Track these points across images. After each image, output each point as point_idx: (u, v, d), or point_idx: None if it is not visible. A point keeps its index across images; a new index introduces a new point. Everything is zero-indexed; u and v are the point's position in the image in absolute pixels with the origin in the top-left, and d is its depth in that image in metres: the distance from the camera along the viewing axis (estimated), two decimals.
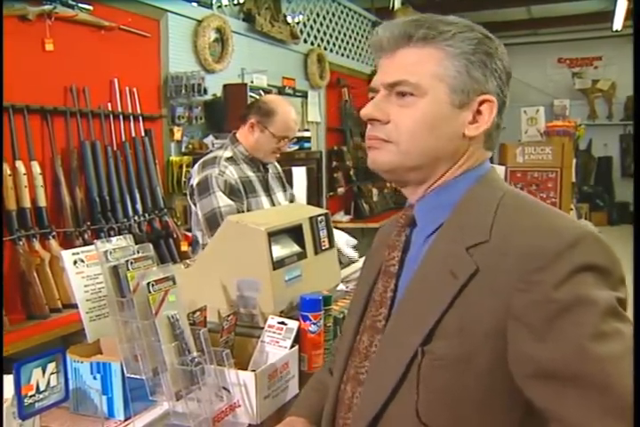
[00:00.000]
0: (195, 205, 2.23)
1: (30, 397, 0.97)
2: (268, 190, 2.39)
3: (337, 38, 5.90)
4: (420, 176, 0.87)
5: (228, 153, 2.30)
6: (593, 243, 0.75)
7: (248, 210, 2.24)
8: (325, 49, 5.59)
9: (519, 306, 0.73)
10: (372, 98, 0.87)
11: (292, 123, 2.33)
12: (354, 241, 2.38)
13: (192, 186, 2.25)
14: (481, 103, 0.84)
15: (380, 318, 0.88)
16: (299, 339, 1.39)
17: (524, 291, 0.72)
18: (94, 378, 1.18)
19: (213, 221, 2.13)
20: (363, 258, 2.44)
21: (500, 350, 0.74)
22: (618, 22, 7.40)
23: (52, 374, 1.00)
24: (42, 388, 0.99)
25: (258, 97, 3.65)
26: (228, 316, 1.32)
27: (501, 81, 0.85)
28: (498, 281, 0.74)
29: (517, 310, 0.73)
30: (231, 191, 2.19)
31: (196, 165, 2.31)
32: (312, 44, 5.40)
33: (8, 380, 1.02)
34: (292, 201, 2.58)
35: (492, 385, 0.75)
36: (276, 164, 2.56)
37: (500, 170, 3.21)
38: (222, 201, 2.16)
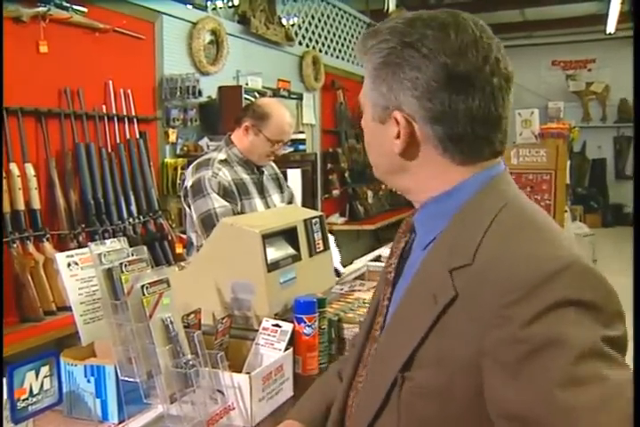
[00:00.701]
0: (189, 206, 2.23)
1: (23, 400, 0.97)
2: (262, 192, 2.38)
3: (332, 40, 5.91)
4: (401, 187, 0.86)
5: (222, 155, 2.30)
6: (578, 274, 0.67)
7: (241, 212, 2.23)
8: (320, 51, 5.59)
9: (491, 342, 0.67)
10: None
11: (287, 126, 2.33)
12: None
13: (186, 188, 2.25)
14: (396, 118, 0.78)
15: (377, 328, 0.87)
16: (293, 341, 1.39)
17: (496, 326, 0.67)
18: (88, 381, 1.18)
19: (209, 222, 2.13)
20: (357, 260, 2.45)
21: (478, 383, 0.69)
22: (611, 25, 7.44)
23: (46, 377, 1.00)
24: (35, 391, 0.98)
25: (253, 99, 3.66)
26: (223, 318, 1.31)
27: (422, 90, 0.75)
28: (475, 312, 0.69)
29: (489, 346, 0.67)
30: (225, 193, 2.19)
31: (190, 167, 2.31)
32: (307, 46, 5.40)
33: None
34: (290, 201, 2.57)
35: (472, 415, 0.71)
36: (273, 164, 2.56)
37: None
38: (217, 202, 2.16)
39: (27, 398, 0.98)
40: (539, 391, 0.63)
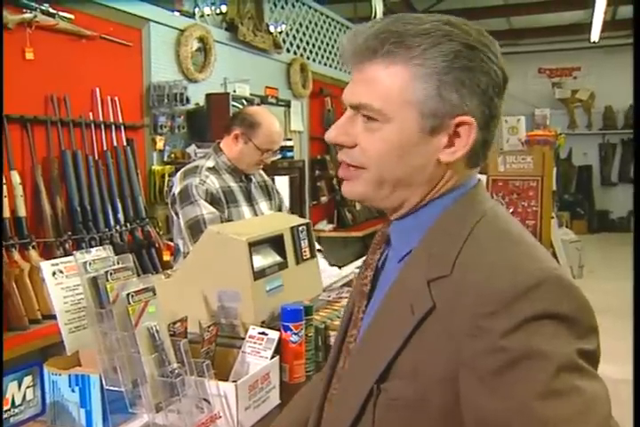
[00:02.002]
0: (176, 213, 2.23)
1: (5, 411, 0.96)
2: (250, 200, 2.38)
3: (320, 48, 5.94)
4: (395, 203, 0.80)
5: (211, 163, 2.30)
6: (555, 287, 0.67)
7: (229, 220, 2.23)
8: (308, 58, 5.61)
9: (468, 353, 0.67)
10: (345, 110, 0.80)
11: (276, 136, 2.33)
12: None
13: (174, 194, 2.24)
14: (457, 125, 0.74)
15: (352, 340, 0.85)
16: (280, 349, 1.38)
17: (473, 337, 0.66)
18: (72, 391, 1.17)
19: (196, 229, 2.13)
20: (345, 267, 2.45)
21: (454, 395, 0.68)
22: (595, 34, 7.53)
23: (29, 387, 1.00)
24: (17, 402, 0.98)
25: (240, 107, 3.66)
26: (209, 326, 1.31)
27: (487, 96, 0.74)
28: (452, 323, 0.68)
29: (466, 357, 0.67)
30: (212, 200, 2.19)
31: (178, 174, 2.30)
32: (295, 53, 5.42)
33: None
34: (280, 208, 2.57)
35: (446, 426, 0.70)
36: (262, 172, 2.56)
37: (482, 179, 3.24)
38: (205, 209, 2.15)
39: (9, 410, 0.97)
40: (516, 403, 0.63)
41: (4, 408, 0.96)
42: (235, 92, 4.19)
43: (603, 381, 0.66)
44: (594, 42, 7.81)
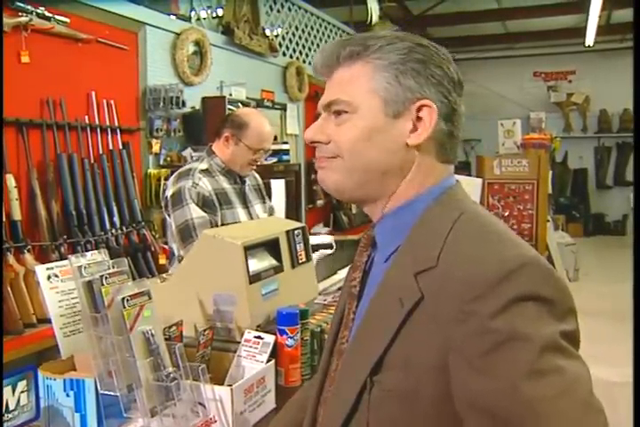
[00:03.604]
0: (169, 216, 2.23)
1: None
2: (244, 202, 2.39)
3: (316, 51, 5.94)
4: (370, 194, 0.84)
5: (204, 165, 2.31)
6: (536, 271, 0.71)
7: (223, 222, 2.23)
8: (304, 62, 5.62)
9: (456, 337, 0.69)
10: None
11: (267, 134, 2.34)
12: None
13: (166, 197, 2.25)
14: (419, 109, 0.81)
15: (344, 341, 0.87)
16: (275, 353, 1.38)
17: (461, 321, 0.69)
18: (67, 395, 1.17)
19: (186, 233, 2.13)
20: (341, 271, 2.45)
21: (446, 383, 0.71)
22: (590, 38, 7.57)
23: (23, 392, 0.99)
24: (11, 407, 0.97)
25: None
26: (205, 330, 1.31)
27: (443, 87, 0.81)
28: (440, 311, 0.71)
29: (455, 341, 0.70)
30: (204, 203, 2.19)
31: (172, 177, 2.31)
32: (291, 56, 5.43)
33: None
34: (271, 214, 2.57)
35: (439, 417, 0.72)
36: (256, 175, 2.56)
37: (478, 182, 3.24)
38: (195, 213, 2.15)
39: (2, 415, 0.96)
40: (503, 383, 0.66)
41: None
42: (231, 95, 4.19)
43: (584, 360, 0.68)
44: (588, 46, 7.84)
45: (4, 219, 2.56)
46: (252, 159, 2.33)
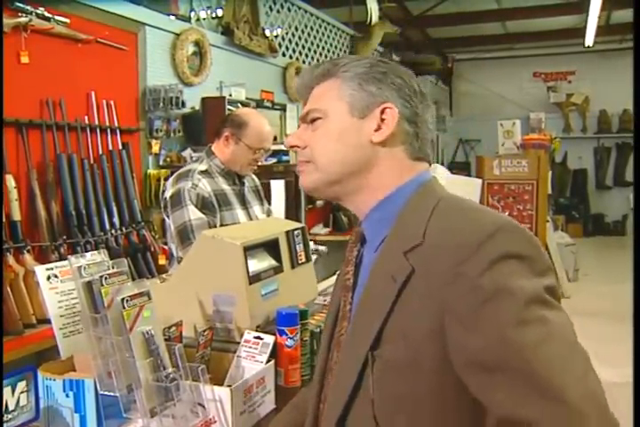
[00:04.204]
0: (168, 217, 2.23)
1: None
2: (244, 203, 2.38)
3: (315, 52, 5.95)
4: (346, 189, 0.93)
5: (203, 166, 2.30)
6: (513, 232, 0.78)
7: (222, 223, 2.23)
8: (304, 62, 5.62)
9: (449, 299, 0.75)
10: None
11: (266, 134, 2.33)
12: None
13: (165, 198, 2.24)
14: (382, 112, 0.91)
15: (343, 333, 0.91)
16: (275, 353, 1.38)
17: (452, 284, 0.75)
18: (67, 396, 1.16)
19: (184, 235, 2.13)
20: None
21: (443, 348, 0.75)
22: (589, 38, 7.57)
23: (22, 392, 0.99)
24: (11, 408, 0.97)
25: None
26: (204, 331, 1.31)
27: (404, 93, 0.92)
28: (431, 280, 0.77)
29: (448, 303, 0.75)
30: (203, 204, 2.19)
31: (171, 178, 2.30)
32: (290, 57, 5.43)
33: None
34: (268, 216, 2.57)
35: (441, 386, 0.77)
36: (254, 177, 2.56)
37: (477, 183, 3.24)
38: (193, 214, 2.15)
39: (2, 415, 0.96)
40: (494, 335, 0.71)
41: None
42: (230, 95, 4.20)
43: (564, 311, 0.75)
44: (588, 46, 7.85)
45: (3, 219, 2.56)
46: (253, 159, 2.32)
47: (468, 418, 0.77)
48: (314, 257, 2.17)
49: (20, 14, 2.68)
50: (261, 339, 1.33)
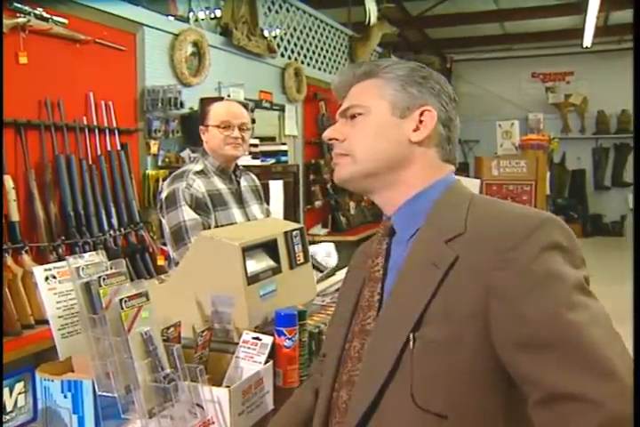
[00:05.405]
0: (163, 218, 2.23)
1: None
2: (241, 202, 2.38)
3: (314, 52, 5.95)
4: (380, 183, 0.98)
5: (199, 166, 2.30)
6: (556, 226, 0.84)
7: (218, 223, 2.23)
8: (302, 63, 5.62)
9: (498, 282, 0.80)
10: None
11: (225, 110, 2.33)
12: (334, 253, 2.39)
13: (161, 199, 2.24)
14: (422, 114, 0.97)
15: (370, 321, 0.94)
16: (274, 354, 1.38)
17: (501, 269, 0.80)
18: (65, 397, 1.16)
19: (178, 235, 2.13)
20: (339, 272, 2.44)
21: (484, 330, 0.80)
22: (587, 39, 7.57)
23: (20, 393, 0.99)
24: (9, 408, 0.97)
25: None
26: (203, 331, 1.31)
27: (441, 99, 0.98)
28: (476, 265, 0.82)
29: (497, 287, 0.80)
30: (197, 205, 2.19)
31: (167, 179, 2.31)
32: (289, 57, 5.43)
33: None
34: (267, 216, 2.57)
35: (480, 365, 0.81)
36: (254, 177, 2.55)
37: (476, 183, 3.24)
38: (188, 215, 2.15)
39: (1, 416, 0.96)
40: (547, 314, 0.76)
41: None
42: (229, 96, 4.19)
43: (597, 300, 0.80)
44: (586, 47, 7.85)
45: (2, 220, 2.55)
46: (227, 135, 2.28)
47: (504, 399, 0.81)
48: (319, 274, 2.18)
49: (18, 15, 2.68)
50: (260, 340, 1.33)
